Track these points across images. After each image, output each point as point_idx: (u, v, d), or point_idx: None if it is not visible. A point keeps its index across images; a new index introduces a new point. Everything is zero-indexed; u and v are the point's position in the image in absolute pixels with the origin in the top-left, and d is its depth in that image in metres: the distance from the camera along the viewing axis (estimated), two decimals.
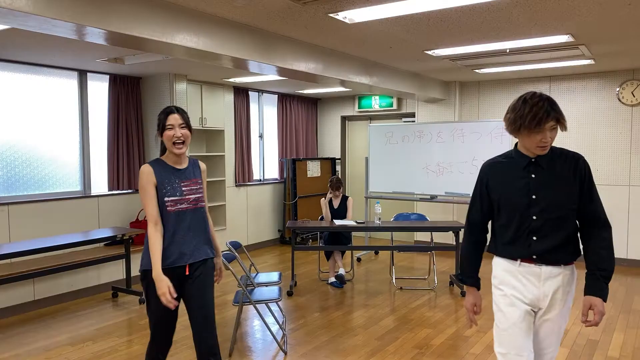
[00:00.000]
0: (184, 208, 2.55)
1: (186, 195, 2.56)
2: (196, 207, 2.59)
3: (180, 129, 2.51)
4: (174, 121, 2.50)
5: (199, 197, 2.61)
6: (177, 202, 2.53)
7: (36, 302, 4.87)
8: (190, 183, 2.61)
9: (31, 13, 2.59)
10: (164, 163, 2.58)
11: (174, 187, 2.54)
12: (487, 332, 4.18)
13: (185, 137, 2.54)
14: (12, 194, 5.08)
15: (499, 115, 7.10)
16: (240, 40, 3.93)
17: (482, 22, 3.91)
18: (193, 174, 2.65)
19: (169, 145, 2.53)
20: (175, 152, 2.52)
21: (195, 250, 2.58)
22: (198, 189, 2.63)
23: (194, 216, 2.58)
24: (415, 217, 6.07)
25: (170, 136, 2.50)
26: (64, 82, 5.52)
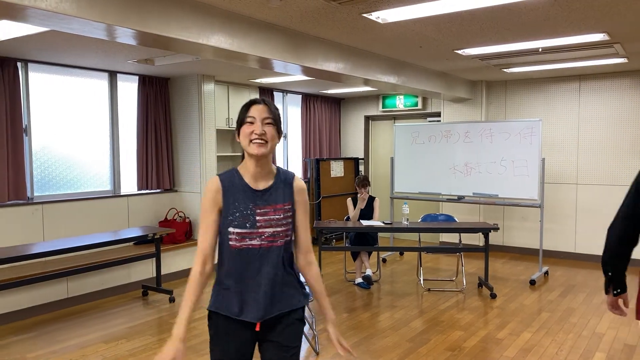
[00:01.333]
0: (256, 245, 1.88)
1: (260, 227, 1.88)
2: (272, 246, 1.89)
3: (264, 125, 1.85)
4: (256, 113, 1.85)
5: (279, 233, 1.90)
6: (244, 237, 1.87)
7: (69, 300, 4.95)
8: (271, 210, 1.90)
9: (75, 16, 2.63)
10: (239, 177, 1.92)
11: (245, 215, 1.87)
12: (519, 335, 4.13)
13: (270, 137, 1.86)
14: (45, 194, 5.17)
15: (527, 115, 7.01)
16: (272, 41, 3.94)
17: (517, 21, 3.86)
18: (278, 197, 1.93)
19: (245, 145, 1.87)
20: (253, 153, 1.85)
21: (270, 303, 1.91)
22: (280, 219, 1.90)
23: (268, 257, 1.90)
24: (443, 218, 6.03)
25: (248, 132, 1.85)
26: (95, 83, 5.60)
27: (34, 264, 4.78)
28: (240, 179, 1.91)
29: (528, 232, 7.08)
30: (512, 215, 7.20)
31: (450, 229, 5.70)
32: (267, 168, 1.92)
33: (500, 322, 4.43)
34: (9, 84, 4.74)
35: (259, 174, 1.91)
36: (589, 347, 3.88)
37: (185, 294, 1.90)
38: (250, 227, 1.87)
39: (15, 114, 4.79)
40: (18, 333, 4.26)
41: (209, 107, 6.16)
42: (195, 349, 3.88)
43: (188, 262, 6.07)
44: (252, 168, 1.90)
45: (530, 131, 5.84)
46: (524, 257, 7.01)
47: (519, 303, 4.98)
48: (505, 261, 6.78)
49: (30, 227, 4.89)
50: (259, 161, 1.88)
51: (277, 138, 1.90)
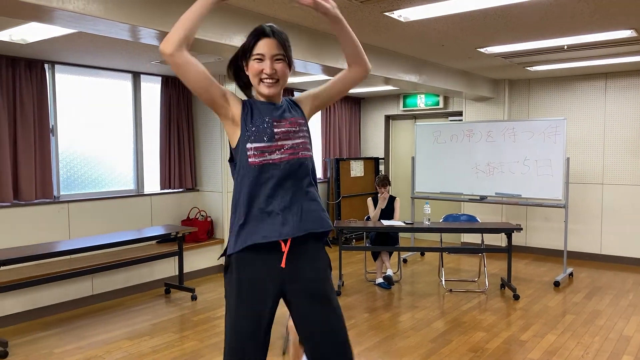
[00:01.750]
0: (277, 159, 1.75)
1: (279, 140, 1.76)
2: (296, 158, 1.77)
3: (274, 62, 1.74)
4: (266, 49, 1.73)
5: (299, 144, 1.79)
6: (264, 151, 1.74)
7: (94, 297, 5.04)
8: (288, 123, 1.80)
9: (102, 17, 2.67)
10: (254, 99, 1.85)
11: (262, 129, 1.76)
12: (544, 337, 4.06)
13: (281, 74, 1.76)
14: (71, 193, 5.27)
15: (551, 113, 6.90)
16: (293, 40, 3.90)
17: (542, 18, 3.80)
18: (290, 112, 1.85)
19: (255, 83, 1.77)
20: (264, 93, 1.76)
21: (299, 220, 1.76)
22: (297, 132, 1.81)
23: (292, 171, 1.76)
24: (465, 218, 5.97)
25: (257, 70, 1.74)
26: (119, 84, 5.69)
27: (60, 261, 4.88)
28: (256, 100, 1.84)
29: (552, 233, 6.97)
30: (535, 215, 7.09)
31: (472, 229, 5.64)
32: (278, 99, 1.86)
33: (523, 324, 4.37)
34: (36, 85, 4.84)
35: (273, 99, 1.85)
36: (616, 350, 3.80)
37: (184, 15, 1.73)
38: (268, 140, 1.75)
39: (42, 115, 4.90)
40: (45, 329, 4.36)
41: None
42: (216, 347, 3.92)
43: (210, 260, 6.13)
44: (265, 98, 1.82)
45: (555, 130, 5.75)
46: (548, 258, 6.90)
47: (542, 305, 4.91)
48: (529, 262, 6.68)
49: (56, 225, 5.00)
50: (271, 98, 1.82)
51: (288, 73, 1.80)
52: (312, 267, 1.81)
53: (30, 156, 4.79)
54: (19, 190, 4.75)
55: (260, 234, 1.73)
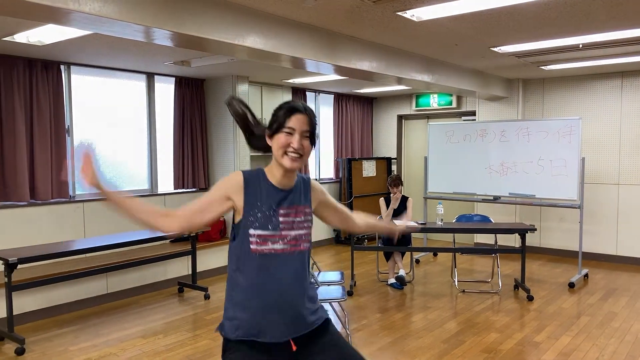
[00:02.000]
0: (278, 250, 1.75)
1: (282, 229, 1.77)
2: (295, 250, 1.78)
3: (302, 138, 1.75)
4: (297, 124, 1.74)
5: (301, 236, 1.80)
6: (267, 240, 1.74)
7: (109, 295, 5.09)
8: (293, 212, 1.80)
9: (117, 19, 2.71)
10: (263, 177, 1.81)
11: (267, 216, 1.75)
12: (558, 338, 4.03)
13: (306, 152, 1.76)
14: (86, 192, 5.34)
15: (565, 113, 6.82)
16: (305, 40, 3.96)
17: (556, 17, 3.77)
18: (299, 198, 1.84)
19: (278, 155, 1.75)
20: (286, 166, 1.74)
21: (293, 321, 1.76)
22: (302, 222, 1.81)
23: (292, 263, 1.77)
24: (478, 218, 5.93)
25: (284, 143, 1.74)
26: (133, 85, 5.75)
27: (76, 260, 4.95)
28: (265, 179, 1.81)
29: (566, 234, 6.89)
30: (549, 216, 7.02)
31: (485, 230, 5.61)
32: (293, 178, 1.85)
33: (537, 325, 4.33)
34: (52, 86, 4.92)
35: (285, 179, 1.81)
36: (632, 352, 3.75)
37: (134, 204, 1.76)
38: (272, 229, 1.74)
39: (58, 115, 4.97)
40: (61, 326, 4.42)
41: None
42: None
43: (223, 260, 6.16)
44: (279, 177, 1.80)
45: (570, 130, 5.69)
46: (562, 259, 6.82)
47: (557, 306, 4.86)
48: (543, 263, 6.62)
49: (71, 224, 5.06)
50: (288, 173, 1.79)
51: (311, 151, 1.80)
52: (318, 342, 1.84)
53: (46, 156, 4.86)
54: (35, 189, 4.82)
55: (259, 331, 1.74)
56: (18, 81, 4.66)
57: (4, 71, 4.59)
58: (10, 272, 3.92)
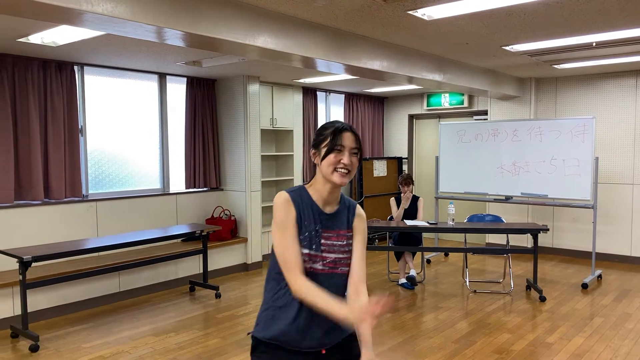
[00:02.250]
0: (318, 270, 1.79)
1: (324, 251, 1.80)
2: (333, 273, 1.82)
3: (351, 155, 1.79)
4: (347, 142, 1.78)
5: (340, 260, 1.83)
6: (310, 259, 1.78)
7: (121, 294, 5.14)
8: (335, 236, 1.83)
9: (129, 19, 2.73)
10: (308, 197, 1.83)
11: (312, 237, 1.79)
12: (571, 339, 3.99)
13: (353, 167, 1.81)
14: (99, 191, 5.40)
15: (579, 112, 6.76)
16: (316, 40, 3.96)
17: (569, 15, 3.73)
18: (343, 222, 1.87)
19: (327, 172, 1.78)
20: (336, 182, 1.78)
21: (326, 334, 1.81)
22: (342, 246, 1.84)
23: (329, 283, 1.80)
24: (490, 218, 5.89)
25: (334, 161, 1.77)
26: (145, 85, 5.80)
27: (89, 258, 5.01)
28: (309, 198, 1.82)
29: (579, 234, 6.82)
30: (562, 216, 6.95)
31: (497, 230, 5.56)
32: (338, 194, 1.87)
33: (550, 326, 4.29)
34: (66, 87, 4.98)
35: (331, 199, 1.83)
36: None
37: (317, 299, 1.69)
38: (315, 249, 1.79)
39: (72, 116, 5.03)
40: (75, 324, 4.47)
41: (253, 108, 6.26)
42: (239, 344, 3.96)
43: (233, 259, 6.20)
44: (326, 194, 1.81)
45: (583, 129, 5.63)
46: (575, 259, 6.76)
47: (570, 307, 4.82)
48: (555, 264, 6.56)
49: (85, 223, 5.12)
50: (335, 189, 1.82)
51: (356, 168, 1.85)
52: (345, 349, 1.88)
53: (60, 156, 4.92)
54: (49, 188, 4.89)
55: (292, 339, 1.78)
56: (33, 82, 4.72)
57: (19, 72, 4.65)
58: (24, 270, 3.97)
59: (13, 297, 4.37)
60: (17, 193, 4.70)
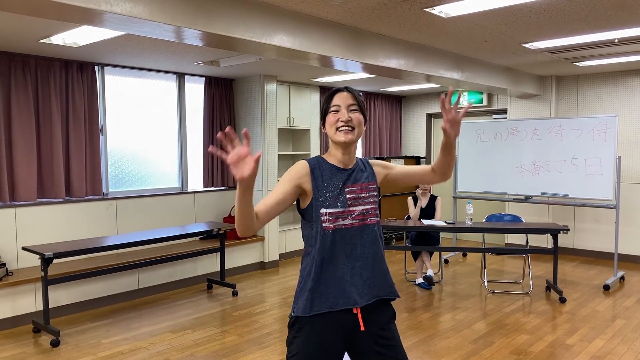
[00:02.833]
0: (348, 225, 1.83)
1: (350, 205, 1.84)
2: (364, 224, 1.85)
3: (349, 112, 1.83)
4: (341, 101, 1.83)
5: (369, 210, 1.87)
6: (337, 217, 1.82)
7: (140, 291, 5.21)
8: (358, 189, 1.87)
9: (147, 19, 2.77)
10: (324, 161, 1.89)
11: (335, 195, 1.83)
12: (591, 341, 3.92)
13: (357, 123, 1.83)
14: (119, 190, 5.48)
15: (601, 110, 6.63)
16: (333, 38, 3.96)
17: (590, 11, 3.66)
18: (363, 176, 1.91)
19: (332, 134, 1.85)
20: (340, 140, 1.82)
21: (368, 286, 1.85)
22: (367, 197, 1.88)
23: (361, 237, 1.85)
24: (509, 218, 5.82)
25: (333, 121, 1.83)
26: (164, 85, 5.87)
27: (108, 255, 5.09)
28: (326, 163, 1.89)
29: (601, 235, 6.69)
30: (583, 216, 6.83)
31: (516, 230, 5.49)
32: (353, 155, 1.91)
33: (570, 328, 4.22)
34: (87, 87, 5.06)
35: (345, 158, 1.88)
36: None
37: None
38: (341, 206, 1.82)
39: (92, 115, 5.11)
40: (95, 320, 4.55)
41: (270, 107, 6.28)
42: (256, 342, 3.98)
43: (251, 257, 6.23)
44: (340, 155, 1.88)
45: (605, 127, 5.52)
46: (597, 261, 6.63)
47: (591, 309, 4.73)
48: (576, 265, 6.44)
49: (105, 221, 5.20)
50: (346, 149, 1.86)
51: (363, 124, 1.87)
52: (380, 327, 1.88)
53: (81, 155, 5.01)
54: (70, 187, 4.98)
55: (332, 301, 1.81)
56: (55, 82, 4.81)
57: (41, 72, 4.75)
58: (46, 266, 4.05)
59: (35, 293, 4.46)
60: (39, 191, 4.80)
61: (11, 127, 4.59)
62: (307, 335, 1.81)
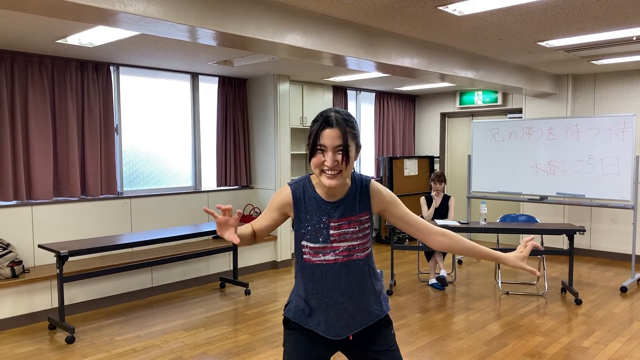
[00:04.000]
0: (331, 260, 1.73)
1: (334, 242, 1.73)
2: (349, 260, 1.74)
3: (335, 154, 1.64)
4: (328, 141, 1.64)
5: (355, 246, 1.74)
6: (318, 252, 1.73)
7: (153, 289, 5.25)
8: (345, 223, 1.74)
9: (160, 19, 2.78)
10: (311, 188, 1.77)
11: (317, 229, 1.73)
12: (608, 344, 3.85)
13: (343, 166, 1.66)
14: (133, 189, 5.53)
15: (619, 109, 6.52)
16: (345, 37, 3.95)
17: (607, 8, 3.60)
18: (353, 207, 1.75)
19: (317, 173, 1.70)
20: (326, 185, 1.68)
21: (353, 318, 1.78)
22: (355, 232, 1.74)
23: (347, 272, 1.74)
24: (524, 218, 5.75)
25: (317, 163, 1.67)
26: (178, 85, 5.91)
27: (123, 254, 5.14)
28: (312, 190, 1.76)
29: (619, 236, 6.58)
30: (600, 217, 6.72)
31: (530, 230, 5.42)
32: (342, 187, 1.76)
33: (585, 330, 4.16)
34: (102, 87, 5.11)
35: (334, 193, 1.76)
36: None
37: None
38: (323, 241, 1.72)
39: (108, 115, 5.16)
40: (109, 317, 4.59)
41: (284, 107, 6.29)
42: (267, 341, 3.99)
43: (263, 256, 6.24)
44: (326, 189, 1.75)
45: (623, 127, 5.43)
46: (614, 262, 6.52)
47: (607, 311, 4.65)
48: (593, 266, 6.35)
49: (119, 219, 5.25)
50: (331, 190, 1.75)
51: (355, 155, 1.70)
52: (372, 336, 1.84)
53: (96, 154, 5.07)
54: (85, 186, 5.04)
55: (315, 324, 1.79)
56: (71, 82, 4.87)
57: (57, 72, 4.81)
58: (61, 264, 4.10)
59: (51, 290, 4.52)
60: (55, 190, 4.86)
61: (28, 127, 4.65)
62: (300, 335, 1.83)
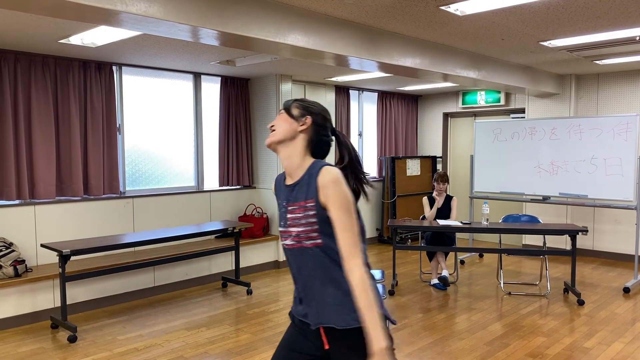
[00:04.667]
0: (289, 245, 1.74)
1: (290, 226, 1.73)
2: (302, 247, 1.70)
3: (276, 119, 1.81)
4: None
5: (300, 232, 1.69)
6: (282, 235, 1.78)
7: (155, 288, 5.26)
8: (297, 208, 1.71)
9: (162, 19, 2.79)
10: (284, 175, 1.86)
11: (282, 213, 1.78)
12: (610, 344, 3.84)
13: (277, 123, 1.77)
14: (135, 188, 5.54)
15: (622, 109, 6.50)
16: (347, 37, 3.95)
17: (610, 8, 3.59)
18: (301, 193, 1.71)
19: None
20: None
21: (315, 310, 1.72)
22: (301, 218, 1.69)
23: (303, 260, 1.71)
24: (526, 218, 5.74)
25: None
26: (180, 84, 5.91)
27: (125, 253, 5.15)
28: (284, 177, 1.84)
29: (622, 236, 6.56)
30: (603, 217, 6.71)
31: (533, 230, 5.41)
32: (293, 162, 1.74)
33: (588, 331, 4.15)
34: (105, 87, 5.13)
35: (289, 169, 1.76)
36: None
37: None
38: (283, 225, 1.76)
39: (110, 114, 5.17)
40: (111, 316, 4.60)
41: None
42: (269, 340, 3.99)
43: (265, 256, 6.25)
44: (287, 172, 1.79)
45: (626, 127, 5.41)
46: (617, 263, 6.50)
47: (610, 311, 4.64)
48: (595, 267, 6.33)
49: (122, 219, 5.26)
50: (278, 154, 1.78)
51: (289, 122, 1.73)
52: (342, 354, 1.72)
53: (99, 154, 5.08)
54: (88, 185, 5.05)
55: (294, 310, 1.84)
56: (74, 82, 4.89)
57: (60, 72, 4.82)
58: (64, 263, 4.11)
59: (53, 290, 4.54)
60: (58, 189, 4.87)
61: (31, 126, 4.67)
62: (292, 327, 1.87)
